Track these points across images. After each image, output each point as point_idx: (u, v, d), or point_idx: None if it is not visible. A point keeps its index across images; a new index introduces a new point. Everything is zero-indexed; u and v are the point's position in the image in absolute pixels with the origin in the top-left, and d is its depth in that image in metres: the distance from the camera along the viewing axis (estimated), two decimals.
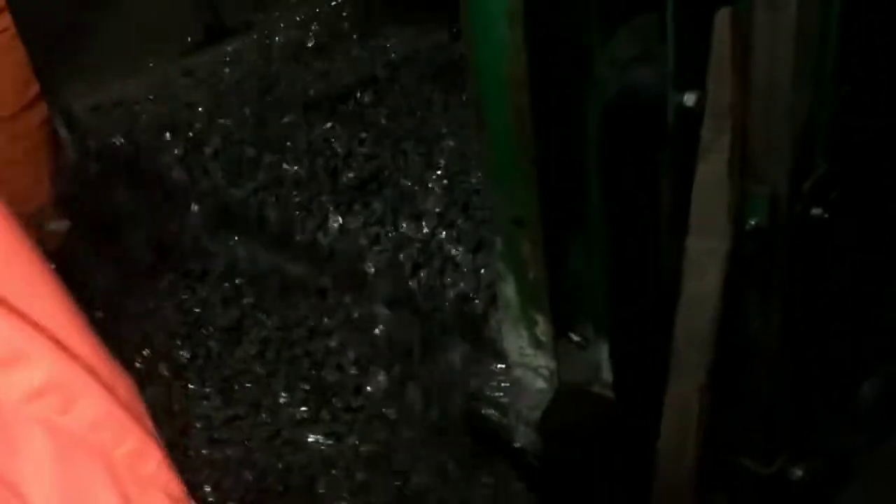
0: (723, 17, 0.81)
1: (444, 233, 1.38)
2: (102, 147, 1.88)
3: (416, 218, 1.43)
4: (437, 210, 1.42)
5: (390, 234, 1.43)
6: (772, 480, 1.10)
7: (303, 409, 1.51)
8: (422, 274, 1.35)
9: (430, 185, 1.51)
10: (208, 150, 1.81)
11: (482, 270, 1.26)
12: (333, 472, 1.40)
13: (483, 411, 1.13)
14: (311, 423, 1.49)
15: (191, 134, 1.86)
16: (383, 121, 1.75)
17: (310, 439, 1.46)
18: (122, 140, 1.87)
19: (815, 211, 0.91)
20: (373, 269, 1.41)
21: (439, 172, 1.54)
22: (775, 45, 0.83)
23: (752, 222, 0.92)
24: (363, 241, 1.44)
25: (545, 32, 0.88)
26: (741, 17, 0.82)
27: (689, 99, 0.90)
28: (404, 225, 1.42)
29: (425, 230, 1.40)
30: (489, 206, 1.00)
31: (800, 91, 0.85)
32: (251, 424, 1.51)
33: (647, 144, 0.96)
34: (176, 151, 1.81)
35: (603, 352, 1.12)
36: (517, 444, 1.10)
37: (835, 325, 1.06)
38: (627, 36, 0.95)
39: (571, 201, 1.02)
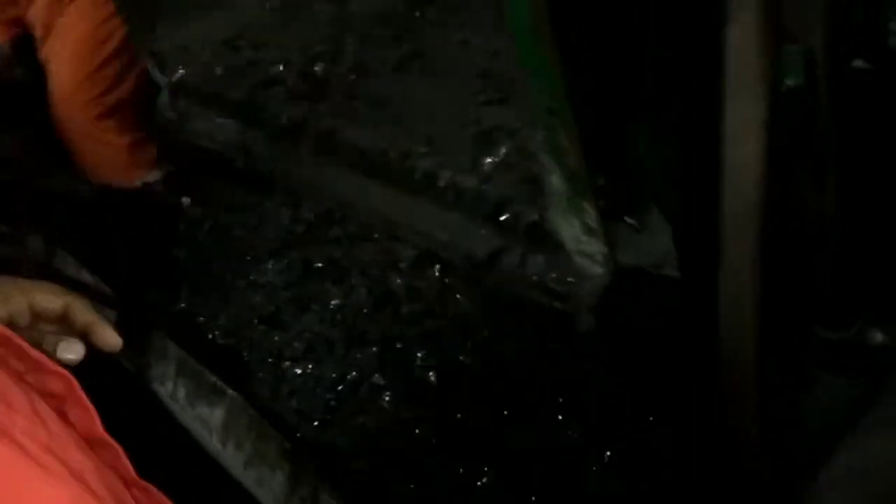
0: None
1: None
2: (190, 82, 1.97)
3: None
4: None
5: None
6: (849, 346, 1.07)
7: None
8: None
9: None
10: (293, 82, 1.87)
11: None
12: None
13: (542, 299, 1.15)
14: None
15: (279, 67, 1.92)
16: None
17: None
18: (209, 74, 1.95)
19: (857, 63, 0.86)
20: None
21: None
22: None
23: (789, 83, 0.88)
24: None
25: None
26: None
27: None
28: None
29: None
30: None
31: None
32: None
33: (678, 9, 0.93)
34: (260, 82, 1.88)
35: (661, 233, 1.10)
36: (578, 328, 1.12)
37: None
38: None
39: (609, 85, 1.00)
